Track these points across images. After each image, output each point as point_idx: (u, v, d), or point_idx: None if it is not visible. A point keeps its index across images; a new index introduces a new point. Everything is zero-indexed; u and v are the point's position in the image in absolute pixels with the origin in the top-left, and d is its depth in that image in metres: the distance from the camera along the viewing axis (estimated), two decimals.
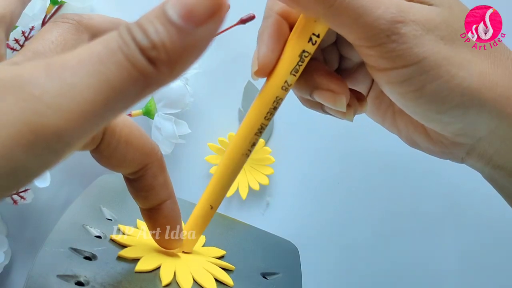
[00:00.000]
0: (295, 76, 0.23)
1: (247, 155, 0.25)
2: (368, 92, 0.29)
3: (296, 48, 0.23)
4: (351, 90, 0.25)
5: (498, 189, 0.26)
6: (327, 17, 0.21)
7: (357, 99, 0.26)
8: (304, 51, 0.23)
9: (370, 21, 0.21)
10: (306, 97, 0.26)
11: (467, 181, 0.42)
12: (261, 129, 0.25)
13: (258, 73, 0.24)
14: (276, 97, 0.24)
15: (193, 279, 0.27)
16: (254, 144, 0.25)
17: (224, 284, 0.28)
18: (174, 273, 0.26)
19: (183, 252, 0.28)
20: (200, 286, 0.27)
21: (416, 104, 0.23)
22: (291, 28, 0.24)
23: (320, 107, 0.26)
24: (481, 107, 0.22)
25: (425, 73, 0.21)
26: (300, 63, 0.23)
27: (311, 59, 0.23)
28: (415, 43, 0.21)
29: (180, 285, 0.26)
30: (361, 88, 0.28)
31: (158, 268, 0.26)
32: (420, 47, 0.21)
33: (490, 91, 0.22)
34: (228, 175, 0.26)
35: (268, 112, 0.24)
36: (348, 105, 0.25)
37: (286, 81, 0.23)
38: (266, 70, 0.23)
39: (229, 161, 0.26)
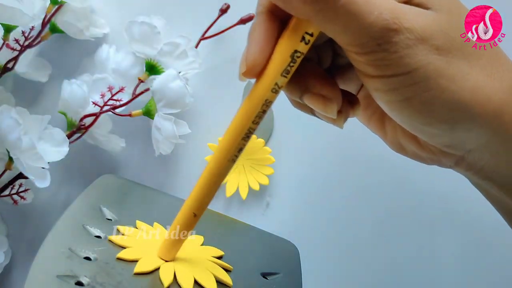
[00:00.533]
0: (286, 77, 0.22)
1: (234, 161, 0.24)
2: (358, 91, 0.28)
3: (287, 48, 0.21)
4: (344, 92, 0.24)
5: (487, 196, 0.26)
6: (317, 20, 0.20)
7: (349, 102, 0.24)
8: (296, 51, 0.21)
9: (361, 27, 0.19)
10: (296, 99, 0.24)
11: (466, 181, 0.42)
12: (249, 134, 0.23)
13: (247, 74, 0.22)
14: (266, 100, 0.22)
15: (194, 279, 0.27)
16: (241, 150, 0.24)
17: (223, 284, 0.28)
18: (174, 273, 0.26)
19: (162, 259, 0.27)
20: (201, 286, 0.26)
21: (403, 114, 0.22)
22: (283, 25, 0.22)
23: (310, 110, 0.25)
24: (472, 122, 0.21)
25: (414, 84, 0.20)
26: (291, 64, 0.22)
27: (303, 59, 0.22)
28: (406, 53, 0.20)
29: (181, 286, 0.26)
30: (352, 87, 0.27)
31: (158, 269, 0.26)
32: (412, 57, 0.20)
33: (482, 106, 0.21)
34: (213, 181, 0.24)
35: (256, 116, 0.23)
36: (339, 112, 0.23)
37: (276, 83, 0.22)
38: (255, 71, 0.22)
39: (214, 167, 0.24)
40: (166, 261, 0.27)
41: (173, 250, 0.27)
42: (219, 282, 0.28)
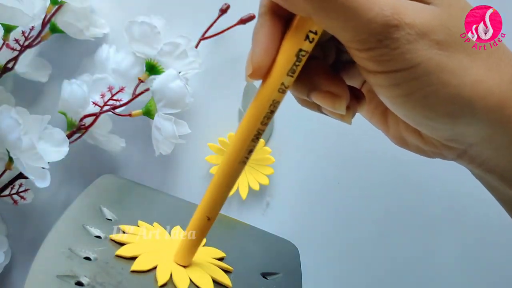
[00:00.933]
0: (292, 77, 0.22)
1: (244, 163, 0.24)
2: (362, 86, 0.28)
3: (292, 47, 0.21)
4: (349, 87, 0.24)
5: (489, 188, 0.26)
6: (317, 17, 0.20)
7: (355, 97, 0.24)
8: (301, 50, 0.21)
9: (361, 24, 0.19)
10: (303, 97, 0.24)
11: (467, 180, 0.42)
12: (258, 135, 0.23)
13: (253, 76, 0.22)
14: (273, 100, 0.22)
15: (190, 280, 0.26)
16: (251, 151, 0.24)
17: (222, 285, 0.28)
18: (171, 273, 0.26)
19: (178, 264, 0.27)
20: (198, 287, 0.26)
21: (405, 108, 0.22)
22: (287, 25, 0.22)
23: (317, 108, 0.25)
24: (473, 116, 0.21)
25: (415, 79, 0.20)
26: (297, 63, 0.22)
27: (309, 57, 0.22)
28: (407, 48, 0.20)
29: (176, 286, 0.26)
30: (356, 82, 0.27)
31: (155, 268, 0.26)
32: (413, 52, 0.20)
33: (483, 100, 0.21)
34: (225, 184, 0.25)
35: (264, 117, 0.23)
36: (347, 107, 0.23)
37: (282, 83, 0.22)
38: (261, 72, 0.22)
39: (225, 170, 0.24)
40: (184, 266, 0.27)
41: (190, 254, 0.27)
42: (217, 283, 0.28)
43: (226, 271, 0.29)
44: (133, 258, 0.26)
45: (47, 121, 0.38)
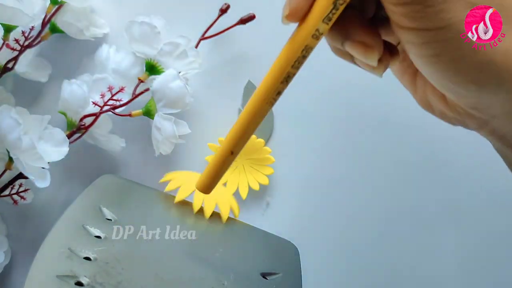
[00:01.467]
0: (328, 24, 0.22)
1: (272, 104, 0.24)
2: (398, 43, 0.27)
3: None
4: (384, 42, 0.24)
5: (507, 163, 0.26)
6: None
7: (389, 52, 0.25)
8: None
9: None
10: (337, 46, 0.25)
11: (467, 180, 0.42)
12: (288, 78, 0.24)
13: (289, 18, 0.22)
14: (306, 46, 0.23)
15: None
16: (279, 93, 0.24)
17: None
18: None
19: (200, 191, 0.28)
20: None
21: (432, 70, 0.22)
22: None
23: (350, 58, 0.25)
24: (499, 86, 0.21)
25: (446, 41, 0.20)
26: (333, 11, 0.22)
27: (347, 7, 0.22)
28: (442, 7, 0.19)
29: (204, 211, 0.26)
30: (392, 38, 0.27)
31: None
32: (447, 12, 0.19)
33: None
34: (250, 122, 0.25)
35: (296, 61, 0.23)
36: (379, 60, 0.24)
37: (317, 29, 0.22)
38: (298, 15, 0.22)
39: (252, 108, 0.25)
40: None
41: (212, 183, 0.28)
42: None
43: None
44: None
45: (47, 121, 0.38)
